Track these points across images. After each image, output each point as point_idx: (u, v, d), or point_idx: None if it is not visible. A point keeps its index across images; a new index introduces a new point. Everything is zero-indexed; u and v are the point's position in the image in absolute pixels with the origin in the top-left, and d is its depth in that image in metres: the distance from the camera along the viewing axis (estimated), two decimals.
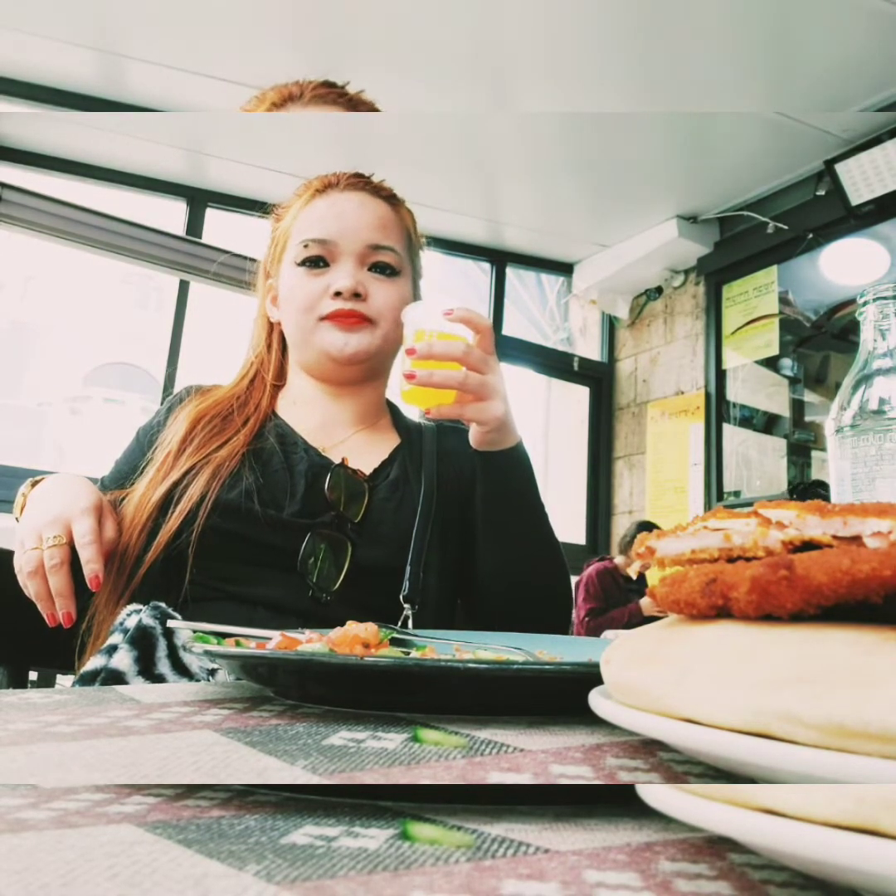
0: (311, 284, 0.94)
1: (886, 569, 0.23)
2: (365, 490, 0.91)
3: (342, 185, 0.97)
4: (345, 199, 0.97)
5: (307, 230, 0.96)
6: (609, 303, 4.80)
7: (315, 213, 0.97)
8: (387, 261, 0.96)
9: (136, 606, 0.72)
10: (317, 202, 0.97)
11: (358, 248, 0.95)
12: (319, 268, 0.95)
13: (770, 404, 4.15)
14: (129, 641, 0.67)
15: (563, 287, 4.96)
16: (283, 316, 0.99)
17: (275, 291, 1.01)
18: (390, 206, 0.99)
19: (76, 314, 3.33)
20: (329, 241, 0.94)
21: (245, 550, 0.85)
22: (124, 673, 0.65)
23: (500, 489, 0.89)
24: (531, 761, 0.33)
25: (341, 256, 0.94)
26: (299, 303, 0.94)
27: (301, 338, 0.96)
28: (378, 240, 0.95)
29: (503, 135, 3.50)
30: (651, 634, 0.30)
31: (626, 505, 4.60)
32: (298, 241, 0.95)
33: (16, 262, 3.53)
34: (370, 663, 0.40)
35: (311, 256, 0.95)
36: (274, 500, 0.88)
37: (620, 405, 4.82)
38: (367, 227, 0.96)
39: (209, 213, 3.79)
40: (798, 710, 0.21)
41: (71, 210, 3.28)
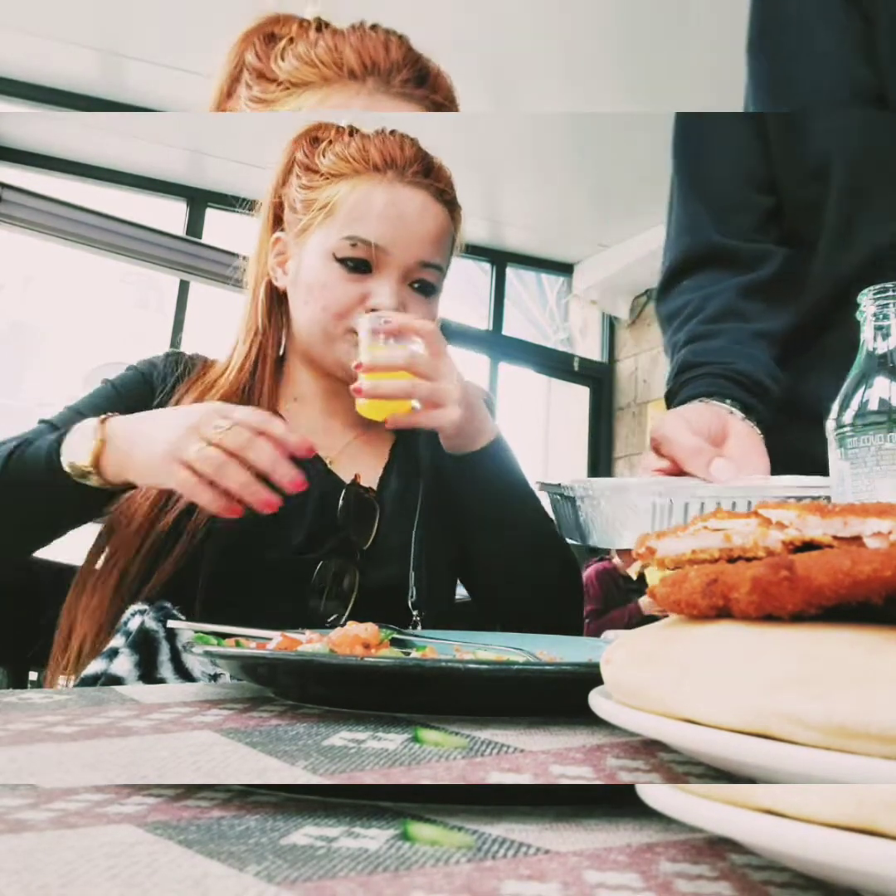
0: (347, 290, 0.84)
1: (887, 569, 0.23)
2: (375, 511, 0.87)
3: (408, 176, 0.85)
4: (408, 197, 0.84)
5: (358, 221, 0.84)
6: (609, 303, 4.80)
7: (372, 202, 0.84)
8: (431, 280, 0.87)
9: (141, 606, 0.69)
10: (376, 189, 0.84)
11: (408, 262, 0.85)
12: (360, 272, 0.84)
13: None
14: (131, 645, 0.66)
15: (563, 287, 4.96)
16: (303, 307, 0.88)
17: (287, 256, 0.90)
18: (448, 214, 0.89)
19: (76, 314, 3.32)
20: (380, 246, 0.83)
21: (249, 583, 0.81)
22: (124, 678, 0.63)
23: (477, 489, 0.86)
24: (531, 762, 0.33)
25: (388, 267, 0.84)
26: (329, 305, 0.85)
27: (321, 341, 0.87)
28: (429, 256, 0.86)
29: (503, 135, 3.50)
30: (651, 634, 0.30)
31: None
32: (345, 234, 0.84)
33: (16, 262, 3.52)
34: (370, 664, 0.40)
35: (356, 258, 0.84)
36: (280, 528, 0.81)
37: (621, 405, 4.82)
38: (423, 240, 0.85)
39: (209, 213, 3.79)
40: (798, 710, 0.21)
41: (71, 210, 3.28)
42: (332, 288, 0.84)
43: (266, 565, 0.81)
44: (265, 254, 0.92)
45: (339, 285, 0.84)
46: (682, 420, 0.71)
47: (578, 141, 3.57)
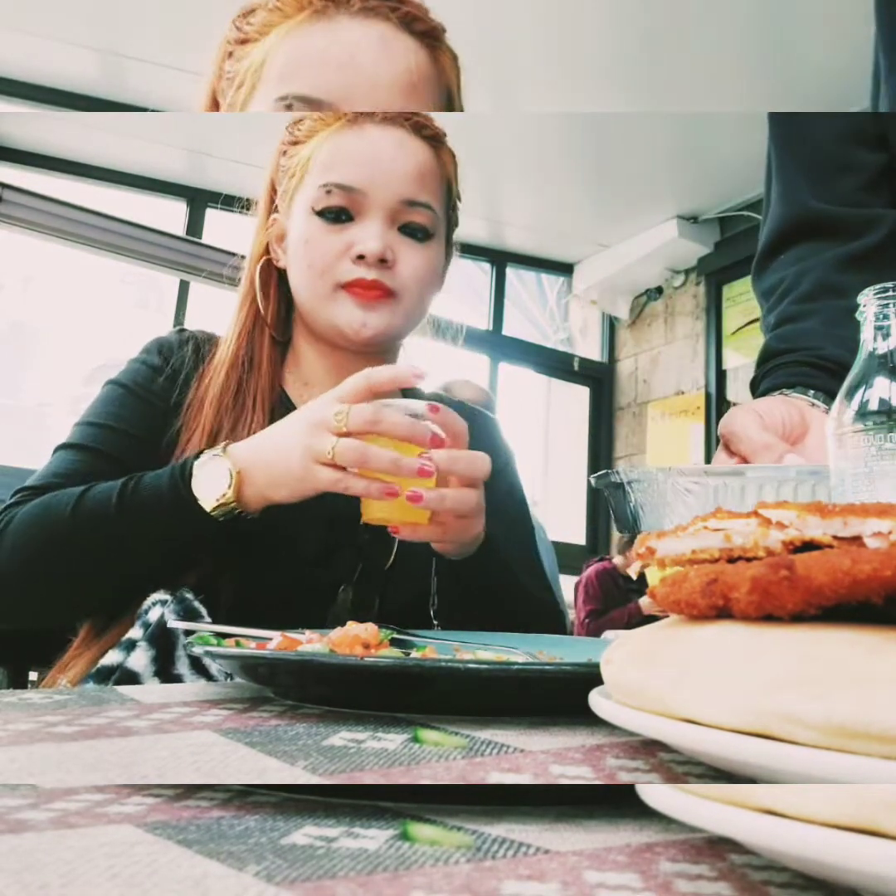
0: (330, 241, 0.78)
1: (887, 569, 0.23)
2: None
3: (380, 116, 0.78)
4: (381, 135, 0.78)
5: (331, 170, 0.78)
6: (609, 303, 4.80)
7: (343, 148, 0.78)
8: (421, 222, 0.80)
9: (162, 596, 0.67)
10: (347, 134, 0.78)
11: (390, 203, 0.78)
12: (341, 222, 0.78)
13: None
14: (149, 639, 0.64)
15: (563, 287, 4.96)
16: (293, 271, 0.83)
17: (281, 230, 0.85)
18: (432, 150, 0.81)
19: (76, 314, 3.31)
20: (357, 189, 0.77)
21: (271, 588, 0.76)
22: (139, 674, 0.62)
23: (473, 587, 0.76)
24: (531, 762, 0.33)
25: (369, 211, 0.78)
26: (314, 262, 0.79)
27: (313, 304, 0.81)
28: (414, 194, 0.79)
29: (503, 135, 3.50)
30: (651, 634, 0.30)
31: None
32: (319, 183, 0.78)
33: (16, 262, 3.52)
34: (370, 664, 0.40)
35: (333, 206, 0.78)
36: (295, 537, 0.77)
37: (621, 405, 4.82)
38: (404, 176, 0.78)
39: (209, 213, 3.79)
40: (798, 710, 0.21)
41: (71, 210, 3.29)
42: (315, 242, 0.79)
43: (283, 575, 0.77)
44: (260, 234, 0.87)
45: (321, 238, 0.78)
46: (752, 414, 0.66)
47: (578, 141, 3.57)
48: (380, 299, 0.78)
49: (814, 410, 0.70)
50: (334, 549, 0.79)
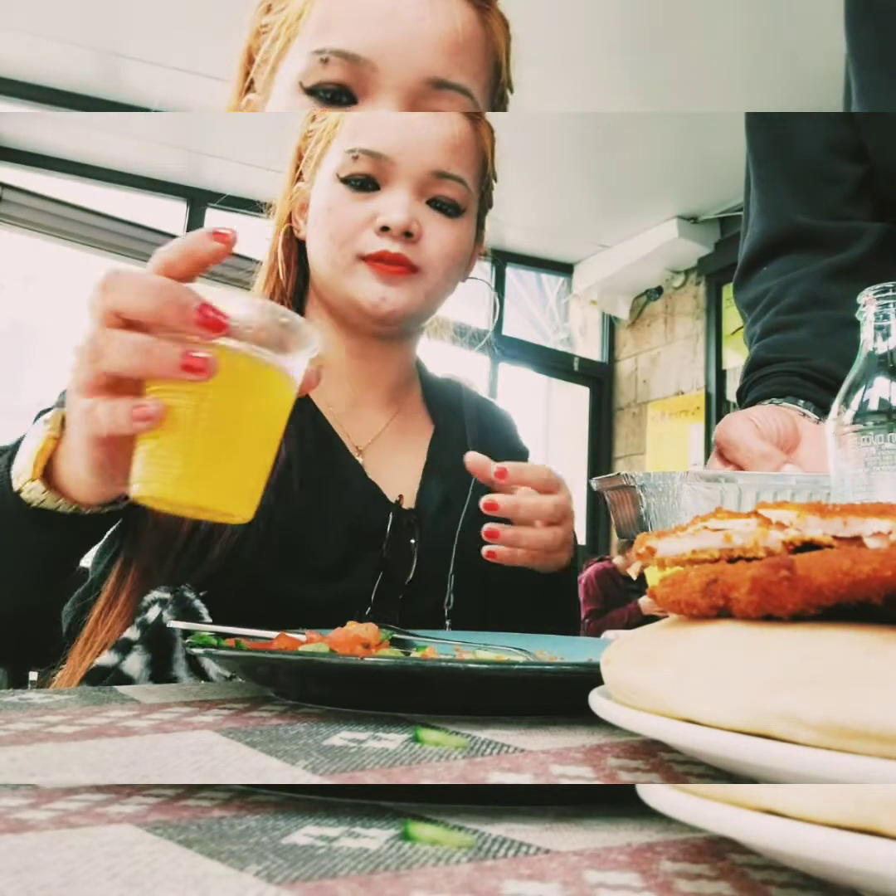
0: (353, 210, 0.72)
1: (887, 569, 0.23)
2: (415, 540, 0.77)
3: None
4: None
5: (359, 136, 0.72)
6: (609, 303, 4.80)
7: (373, 115, 0.72)
8: (451, 196, 0.74)
9: (162, 594, 0.63)
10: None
11: (419, 173, 0.72)
12: (367, 190, 0.73)
13: None
14: (144, 642, 0.61)
15: (563, 287, 4.96)
16: (312, 241, 0.77)
17: (304, 199, 0.79)
18: (469, 121, 0.76)
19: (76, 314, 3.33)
20: (385, 156, 0.71)
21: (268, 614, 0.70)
22: (134, 678, 0.61)
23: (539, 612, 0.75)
24: (532, 761, 0.33)
25: (396, 180, 0.72)
26: (335, 230, 0.73)
27: (330, 275, 0.75)
28: (446, 166, 0.73)
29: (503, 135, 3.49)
30: (651, 634, 0.30)
31: None
32: (346, 149, 0.73)
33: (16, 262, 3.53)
34: (370, 663, 0.40)
35: (359, 173, 0.72)
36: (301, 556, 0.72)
37: (620, 405, 4.82)
38: (436, 146, 0.72)
39: (209, 213, 3.79)
40: (798, 710, 0.21)
41: (71, 210, 3.29)
42: (337, 211, 0.73)
43: (295, 585, 0.72)
44: (283, 204, 0.82)
45: (344, 206, 0.73)
46: (748, 423, 0.64)
47: (578, 141, 3.57)
48: (402, 274, 0.73)
49: (805, 420, 0.69)
50: (352, 561, 0.75)
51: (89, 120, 3.34)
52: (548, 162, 3.75)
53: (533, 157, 3.68)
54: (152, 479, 0.44)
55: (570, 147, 3.64)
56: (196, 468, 0.44)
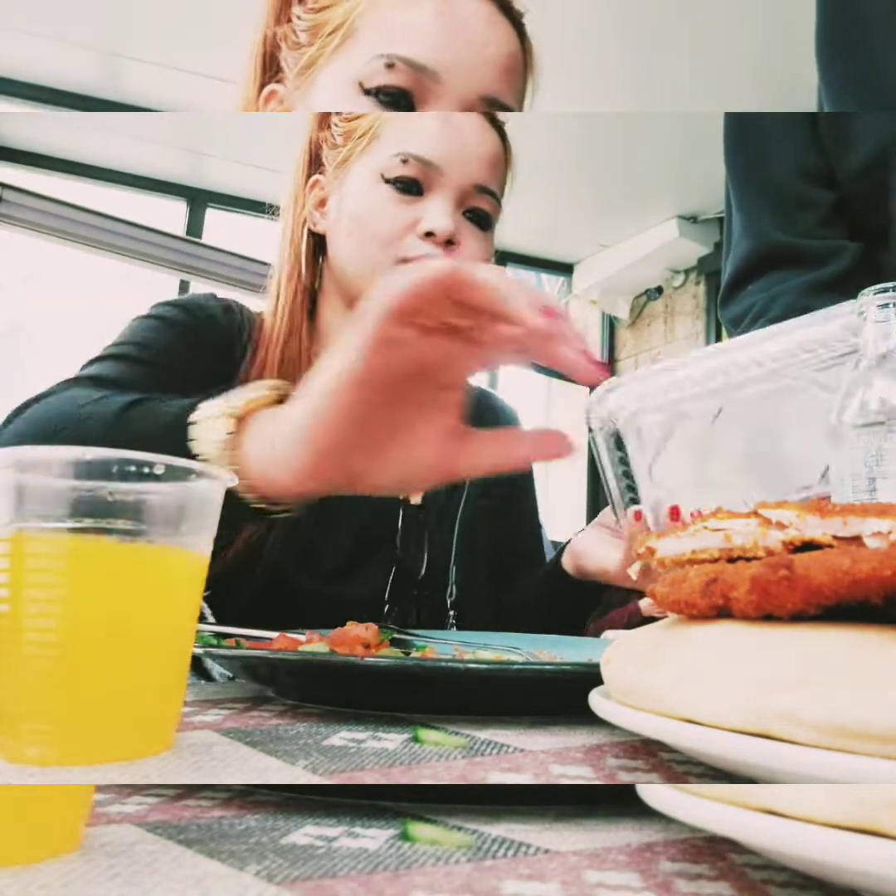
0: (398, 212, 0.72)
1: (887, 569, 0.23)
2: (426, 534, 0.78)
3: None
4: (464, 116, 0.74)
5: (410, 140, 0.73)
6: (609, 303, 4.80)
7: (425, 121, 0.73)
8: (486, 209, 0.76)
9: None
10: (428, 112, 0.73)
11: (463, 184, 0.73)
12: (412, 194, 0.73)
13: None
14: None
15: (563, 287, 4.96)
16: (344, 239, 0.76)
17: (325, 194, 0.78)
18: (502, 141, 0.78)
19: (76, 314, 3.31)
20: (434, 164, 0.72)
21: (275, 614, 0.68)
22: None
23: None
24: (531, 761, 0.33)
25: (441, 188, 0.73)
26: (378, 231, 0.72)
27: (367, 276, 0.73)
28: (486, 180, 0.75)
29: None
30: (651, 634, 0.30)
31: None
32: (395, 151, 0.72)
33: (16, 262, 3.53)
34: (370, 663, 0.40)
35: (407, 177, 0.72)
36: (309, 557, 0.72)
37: None
38: (480, 161, 0.74)
39: (209, 213, 3.79)
40: (798, 710, 0.21)
41: (71, 210, 3.29)
42: (382, 212, 0.73)
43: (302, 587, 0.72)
44: (302, 197, 0.80)
45: (389, 208, 0.73)
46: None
47: (578, 141, 3.57)
48: None
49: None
50: (364, 560, 0.75)
51: (89, 120, 3.34)
52: (548, 162, 3.75)
53: (533, 157, 3.68)
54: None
55: (570, 147, 3.64)
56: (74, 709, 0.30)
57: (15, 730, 0.30)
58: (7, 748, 0.30)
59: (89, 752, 0.30)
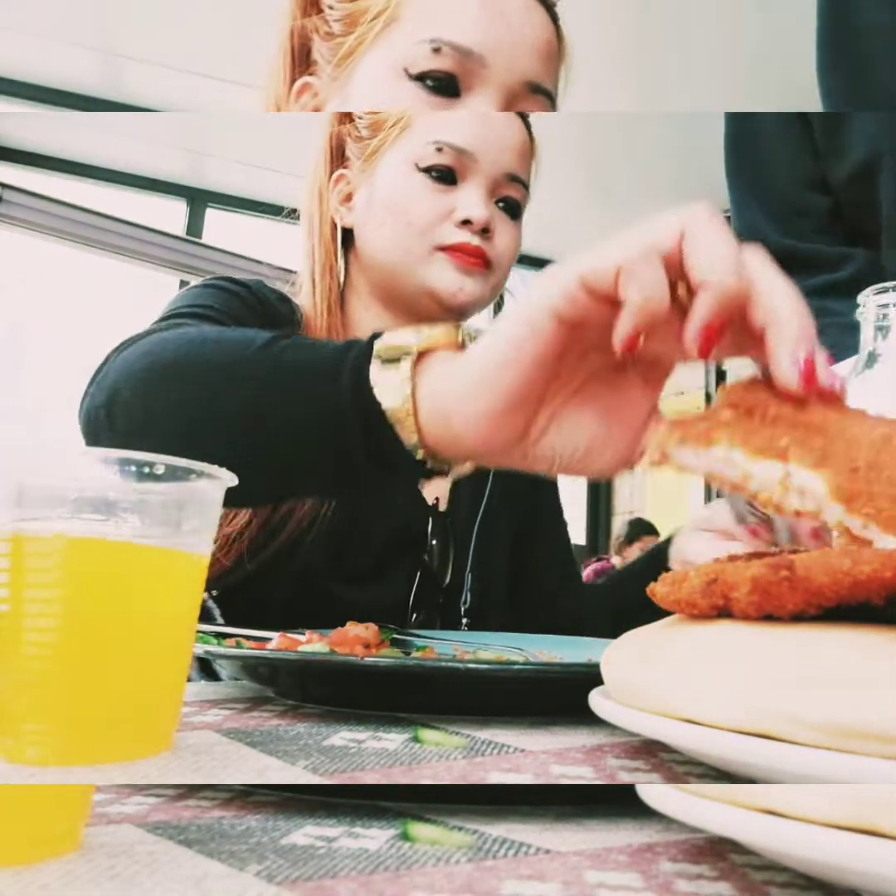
0: (434, 200, 0.72)
1: (887, 570, 0.23)
2: (451, 542, 0.78)
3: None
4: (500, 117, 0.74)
5: (444, 128, 0.72)
6: None
7: (457, 112, 0.72)
8: (517, 198, 0.77)
9: None
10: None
11: (495, 173, 0.74)
12: (446, 182, 0.72)
13: None
14: None
15: None
16: (377, 227, 0.75)
17: (353, 189, 0.77)
18: (529, 134, 0.80)
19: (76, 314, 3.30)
20: (469, 152, 0.72)
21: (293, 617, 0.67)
22: None
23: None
24: (532, 762, 0.33)
25: (474, 178, 0.73)
26: (414, 220, 0.72)
27: (402, 263, 0.73)
28: (517, 169, 0.76)
29: None
30: (651, 634, 0.30)
31: (626, 505, 4.60)
32: (430, 140, 0.72)
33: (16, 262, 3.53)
34: (370, 664, 0.40)
35: (442, 165, 0.72)
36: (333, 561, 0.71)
37: None
38: (512, 150, 0.75)
39: (209, 213, 3.79)
40: (798, 710, 0.21)
41: (71, 210, 3.29)
42: (418, 200, 0.72)
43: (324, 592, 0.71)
44: (326, 193, 0.79)
45: (425, 197, 0.72)
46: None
47: (578, 141, 3.57)
48: (478, 267, 0.73)
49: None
50: (392, 565, 0.75)
51: (89, 120, 3.33)
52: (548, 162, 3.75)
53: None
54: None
55: (570, 147, 3.64)
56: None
57: (15, 730, 0.30)
58: (7, 748, 0.30)
59: (89, 752, 0.30)
